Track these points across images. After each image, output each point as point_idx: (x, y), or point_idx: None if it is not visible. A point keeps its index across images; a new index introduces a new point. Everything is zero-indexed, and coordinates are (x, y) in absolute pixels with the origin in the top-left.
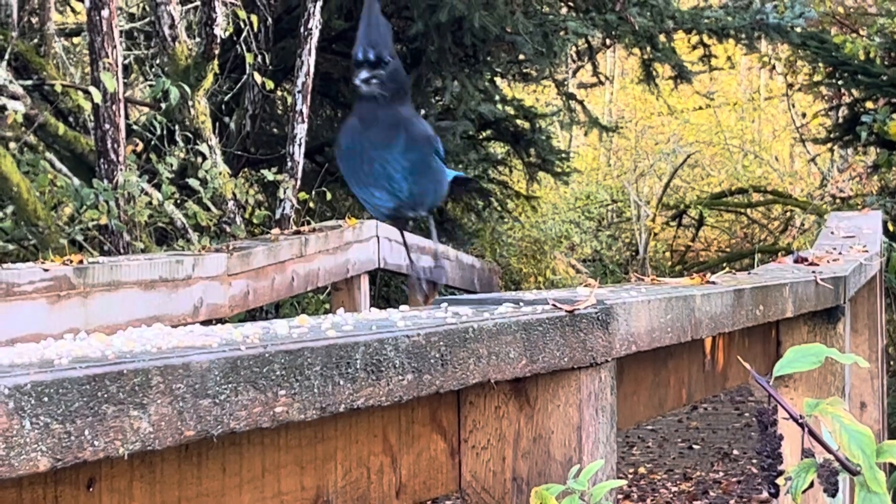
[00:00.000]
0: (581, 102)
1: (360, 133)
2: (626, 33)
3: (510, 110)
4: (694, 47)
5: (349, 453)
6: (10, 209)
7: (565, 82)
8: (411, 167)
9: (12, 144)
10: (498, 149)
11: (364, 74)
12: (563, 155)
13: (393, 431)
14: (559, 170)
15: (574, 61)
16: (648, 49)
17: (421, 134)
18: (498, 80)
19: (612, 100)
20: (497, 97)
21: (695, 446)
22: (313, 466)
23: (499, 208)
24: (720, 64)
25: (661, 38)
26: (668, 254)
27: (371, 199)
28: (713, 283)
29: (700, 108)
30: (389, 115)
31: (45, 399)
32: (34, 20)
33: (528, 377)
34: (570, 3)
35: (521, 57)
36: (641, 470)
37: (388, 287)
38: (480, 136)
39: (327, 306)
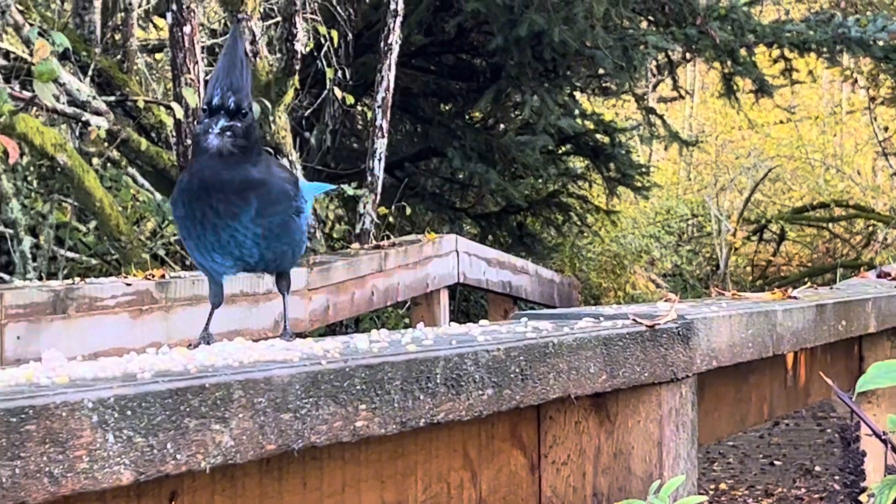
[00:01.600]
0: (661, 116)
1: (200, 198)
2: (706, 47)
3: (590, 125)
4: (775, 61)
5: (429, 468)
6: (93, 224)
7: (645, 96)
8: (265, 233)
9: (95, 160)
10: (578, 163)
11: (222, 123)
12: (643, 169)
13: (473, 446)
14: (639, 184)
15: (654, 75)
16: (729, 63)
17: (279, 193)
18: (577, 94)
19: (692, 114)
20: (577, 111)
21: (776, 462)
22: (393, 481)
23: (578, 223)
24: (802, 77)
25: (742, 51)
26: (748, 268)
27: (210, 263)
28: (795, 298)
29: (781, 121)
30: (238, 178)
31: (129, 413)
32: (117, 37)
33: (609, 392)
34: (651, 18)
35: (601, 71)
36: (722, 486)
37: (468, 302)
38: (560, 151)
39: (407, 321)
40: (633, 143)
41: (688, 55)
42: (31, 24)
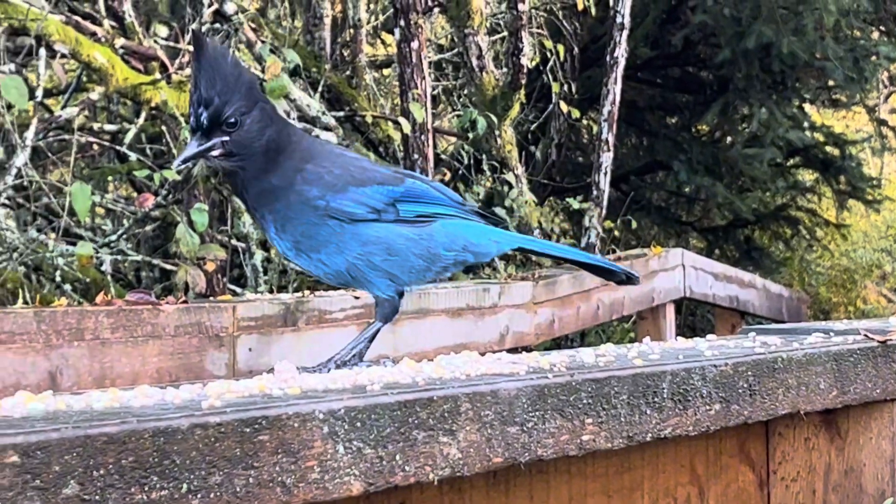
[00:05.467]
0: (893, 128)
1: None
2: None
3: (819, 137)
4: None
5: (656, 483)
6: None
7: (876, 108)
8: (296, 245)
9: None
10: (806, 176)
11: (191, 149)
12: (874, 182)
13: (700, 462)
14: (870, 197)
15: (885, 86)
16: None
17: (298, 200)
18: (806, 106)
19: None
20: (805, 124)
21: None
22: (620, 496)
23: (807, 237)
24: None
25: None
26: None
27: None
28: None
29: None
30: (255, 190)
31: (358, 424)
32: (346, 53)
33: (839, 408)
34: (882, 28)
35: (831, 83)
36: None
37: (694, 316)
38: (788, 164)
39: (633, 335)
40: (863, 156)
41: None
42: (262, 42)
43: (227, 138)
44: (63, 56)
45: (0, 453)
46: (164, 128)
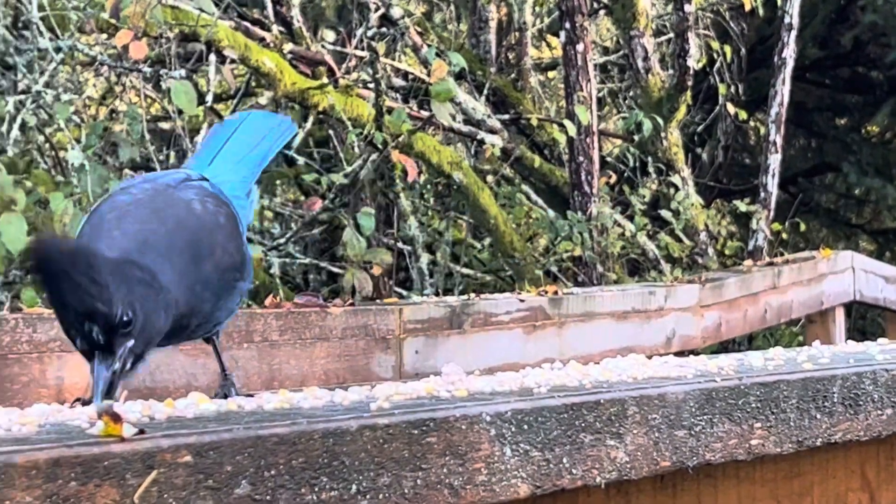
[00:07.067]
0: None
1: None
2: None
3: None
4: None
5: (826, 489)
6: (487, 241)
7: None
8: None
9: (490, 177)
10: None
11: (103, 379)
12: None
13: (871, 467)
14: None
15: None
16: None
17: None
18: None
19: None
20: None
21: None
22: (789, 501)
23: None
24: None
25: None
26: None
27: None
28: None
29: None
30: (188, 328)
31: (525, 427)
32: (511, 56)
33: None
34: None
35: None
36: None
37: (864, 320)
38: None
39: (801, 339)
40: None
41: None
42: (428, 45)
43: (130, 342)
44: (232, 61)
45: (174, 453)
46: (331, 132)
